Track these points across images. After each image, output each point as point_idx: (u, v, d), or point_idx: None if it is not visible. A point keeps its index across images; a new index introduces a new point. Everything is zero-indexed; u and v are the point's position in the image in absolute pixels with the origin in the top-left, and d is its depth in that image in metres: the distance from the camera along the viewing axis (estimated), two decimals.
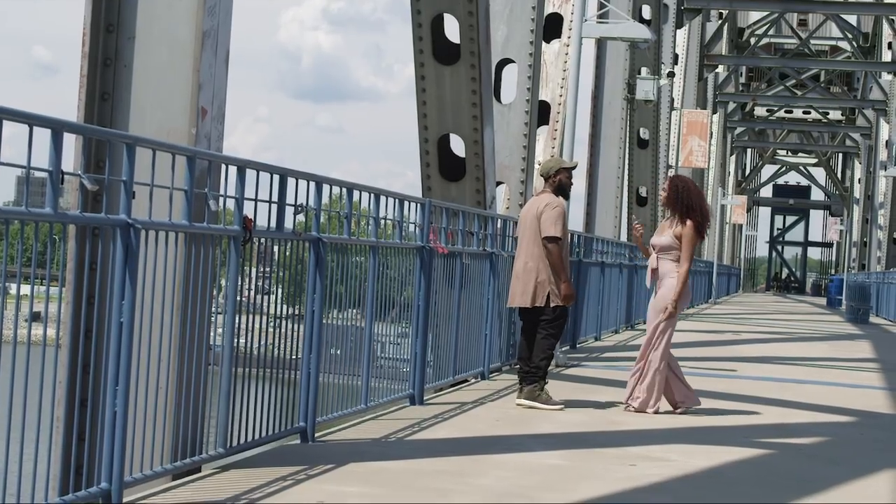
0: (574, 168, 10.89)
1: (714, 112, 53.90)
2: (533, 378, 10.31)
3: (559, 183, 10.60)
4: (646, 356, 10.23)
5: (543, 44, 18.87)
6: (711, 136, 44.03)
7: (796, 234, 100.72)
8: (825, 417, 10.99)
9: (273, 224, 7.19)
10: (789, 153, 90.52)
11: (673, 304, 10.17)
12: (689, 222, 10.21)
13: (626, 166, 31.43)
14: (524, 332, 10.59)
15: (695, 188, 10.51)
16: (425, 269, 10.09)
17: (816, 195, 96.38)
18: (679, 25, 38.67)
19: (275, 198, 7.16)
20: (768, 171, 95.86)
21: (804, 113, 70.63)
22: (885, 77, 52.82)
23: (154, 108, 7.22)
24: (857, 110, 65.01)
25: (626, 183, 31.36)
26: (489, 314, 12.34)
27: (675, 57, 38.49)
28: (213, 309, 6.78)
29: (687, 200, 10.26)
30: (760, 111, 70.80)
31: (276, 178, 7.16)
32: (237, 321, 6.82)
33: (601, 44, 28.38)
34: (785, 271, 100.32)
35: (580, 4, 16.47)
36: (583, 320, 17.80)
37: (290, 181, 7.29)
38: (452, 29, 14.15)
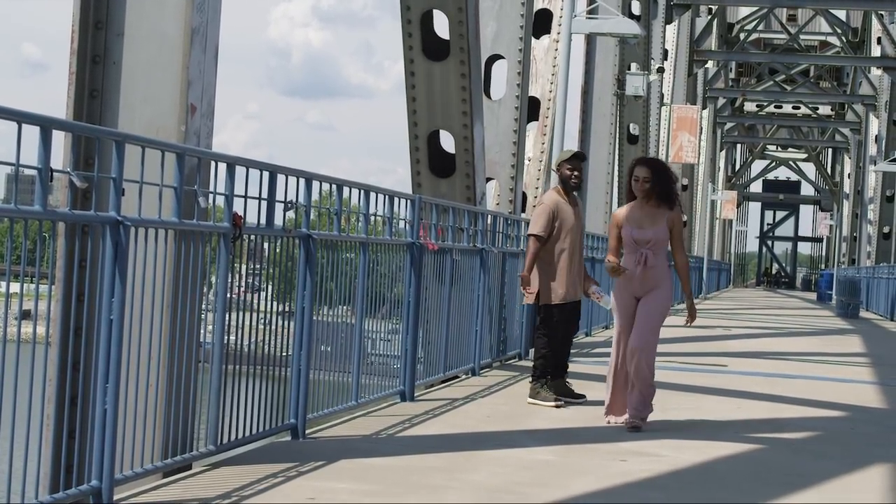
0: (570, 157, 10.55)
1: (704, 107, 53.87)
2: (532, 376, 10.34)
3: (561, 176, 10.63)
4: (635, 360, 9.00)
5: (533, 39, 18.86)
6: (701, 132, 43.97)
7: (786, 229, 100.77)
8: (815, 412, 11.01)
9: (263, 221, 7.19)
10: (779, 148, 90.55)
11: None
12: (675, 209, 9.17)
13: (616, 162, 31.42)
14: None
15: (671, 171, 9.47)
16: (415, 265, 10.08)
17: (806, 190, 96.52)
18: (668, 21, 38.66)
19: (264, 194, 7.16)
20: (758, 166, 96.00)
21: (794, 108, 70.59)
22: (875, 72, 52.78)
23: (143, 105, 7.20)
24: (846, 105, 65.06)
25: (615, 178, 31.35)
26: (479, 310, 12.34)
27: (665, 52, 38.48)
28: (203, 306, 6.78)
29: (668, 186, 9.21)
30: (750, 106, 70.80)
31: (266, 174, 7.16)
32: (227, 318, 6.81)
33: (591, 39, 28.38)
34: (775, 266, 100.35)
35: (570, 0, 16.48)
36: None
37: (280, 178, 7.29)
38: (442, 25, 14.14)
